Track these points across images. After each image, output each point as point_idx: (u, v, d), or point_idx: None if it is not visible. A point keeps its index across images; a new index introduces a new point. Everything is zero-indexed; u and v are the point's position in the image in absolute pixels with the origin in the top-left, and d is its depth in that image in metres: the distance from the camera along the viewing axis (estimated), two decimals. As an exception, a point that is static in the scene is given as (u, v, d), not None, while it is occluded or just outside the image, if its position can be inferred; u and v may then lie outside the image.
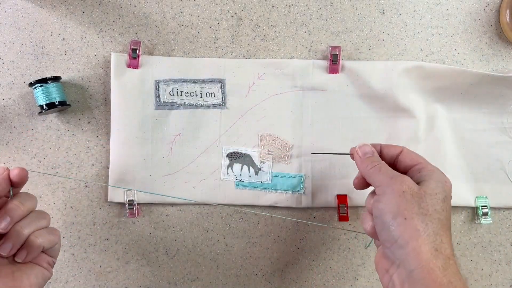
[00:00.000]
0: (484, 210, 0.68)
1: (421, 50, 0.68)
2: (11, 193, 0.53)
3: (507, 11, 0.66)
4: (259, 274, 0.70)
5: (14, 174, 0.52)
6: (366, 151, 0.56)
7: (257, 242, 0.70)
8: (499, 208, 0.70)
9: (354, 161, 0.57)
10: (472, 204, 0.68)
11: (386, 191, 0.51)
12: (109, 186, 0.67)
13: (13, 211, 0.51)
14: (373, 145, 0.57)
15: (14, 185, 0.53)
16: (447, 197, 0.51)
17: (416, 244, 0.47)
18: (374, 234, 0.53)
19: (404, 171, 0.54)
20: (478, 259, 0.70)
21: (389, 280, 0.51)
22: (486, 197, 0.69)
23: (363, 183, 0.57)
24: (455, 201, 0.67)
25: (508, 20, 0.66)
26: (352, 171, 0.68)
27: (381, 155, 0.57)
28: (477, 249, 0.70)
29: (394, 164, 0.56)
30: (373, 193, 0.55)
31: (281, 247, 0.70)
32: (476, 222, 0.69)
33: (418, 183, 0.51)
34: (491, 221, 0.68)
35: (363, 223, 0.55)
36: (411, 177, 0.52)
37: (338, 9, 0.68)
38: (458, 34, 0.68)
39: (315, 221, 0.69)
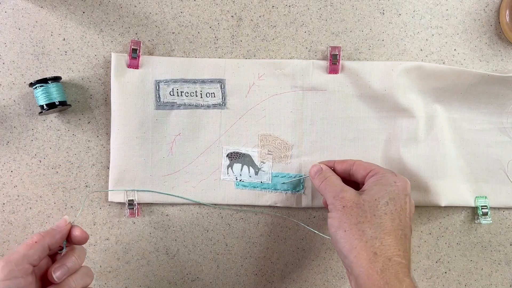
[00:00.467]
0: (484, 210, 0.68)
1: (421, 50, 0.68)
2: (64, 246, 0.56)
3: (507, 11, 0.66)
4: (259, 274, 0.70)
5: (75, 235, 0.55)
6: (315, 170, 0.62)
7: (257, 242, 0.70)
8: (499, 208, 0.70)
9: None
10: (472, 204, 0.68)
11: (332, 208, 0.56)
12: (109, 186, 0.67)
13: (71, 264, 0.53)
14: (327, 162, 0.63)
15: (70, 242, 0.56)
16: (394, 198, 0.54)
17: (356, 252, 0.52)
18: None
19: (362, 181, 0.59)
20: (478, 259, 0.70)
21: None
22: (486, 197, 0.69)
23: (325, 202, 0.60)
24: (455, 201, 0.67)
25: (508, 20, 0.66)
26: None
27: (336, 171, 0.62)
28: (477, 249, 0.70)
29: (349, 177, 0.61)
30: None
31: (281, 247, 0.70)
32: (476, 222, 0.69)
33: (365, 189, 0.56)
34: (491, 221, 0.68)
35: None
36: (364, 184, 0.57)
37: (338, 9, 0.68)
38: (458, 34, 0.68)
39: (315, 221, 0.69)
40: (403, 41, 0.68)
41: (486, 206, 0.68)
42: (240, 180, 0.68)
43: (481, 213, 0.68)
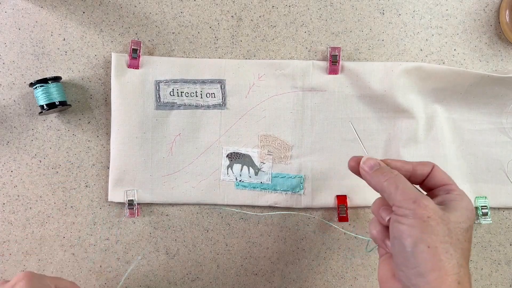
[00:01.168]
0: (483, 210, 0.68)
1: (421, 50, 0.68)
2: None
3: (507, 11, 0.66)
4: (259, 274, 0.70)
5: None
6: (372, 165, 0.53)
7: (257, 242, 0.70)
8: (499, 208, 0.70)
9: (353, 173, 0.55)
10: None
11: (408, 214, 0.46)
12: (109, 186, 0.67)
13: None
14: (405, 163, 0.53)
15: None
16: (471, 226, 0.47)
17: (438, 275, 0.44)
18: (379, 241, 0.51)
19: (430, 189, 0.51)
20: (477, 259, 0.70)
21: None
22: (485, 197, 0.69)
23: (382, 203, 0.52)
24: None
25: (507, 20, 0.66)
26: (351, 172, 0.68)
27: (413, 174, 0.52)
28: (477, 249, 0.70)
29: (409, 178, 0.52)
30: (383, 200, 0.51)
31: (281, 247, 0.70)
32: (476, 222, 0.69)
33: (441, 204, 0.48)
34: (491, 221, 0.68)
35: (370, 228, 0.52)
36: (436, 196, 0.50)
37: (338, 10, 0.68)
38: (457, 34, 0.68)
39: (315, 221, 0.69)
40: (403, 41, 0.68)
41: (486, 206, 0.68)
42: (240, 181, 0.68)
43: (481, 213, 0.68)
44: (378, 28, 0.68)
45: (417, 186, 0.51)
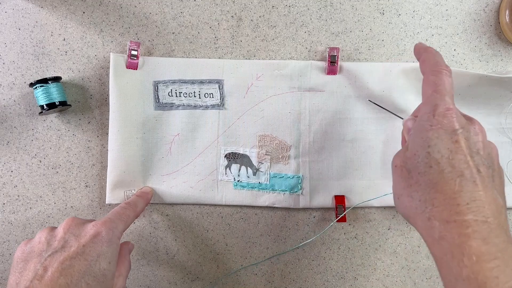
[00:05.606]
0: (483, 211, 0.68)
1: (421, 50, 0.68)
2: None
3: (507, 12, 0.66)
4: (259, 274, 0.70)
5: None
6: (409, 125, 0.50)
7: (257, 242, 0.70)
8: (499, 209, 0.69)
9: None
10: (471, 204, 0.68)
11: (392, 169, 0.48)
12: (107, 188, 0.67)
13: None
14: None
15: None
16: (436, 144, 0.43)
17: (412, 221, 0.45)
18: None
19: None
20: (477, 260, 0.70)
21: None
22: (485, 197, 0.68)
23: None
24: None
25: (507, 20, 0.66)
26: (350, 172, 0.68)
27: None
28: (477, 250, 0.70)
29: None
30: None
31: (281, 247, 0.70)
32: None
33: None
34: (491, 222, 0.68)
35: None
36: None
37: (338, 10, 0.68)
38: (457, 34, 0.68)
39: (314, 221, 0.69)
40: (403, 41, 0.68)
41: (485, 206, 0.68)
42: (238, 181, 0.68)
43: (480, 213, 0.68)
44: (378, 28, 0.68)
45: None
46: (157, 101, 0.67)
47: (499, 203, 0.41)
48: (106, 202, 0.67)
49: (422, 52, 0.51)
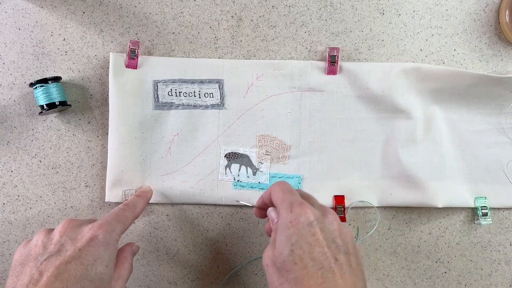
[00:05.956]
0: (483, 211, 0.68)
1: (421, 50, 0.68)
2: None
3: (507, 12, 0.66)
4: (259, 274, 0.70)
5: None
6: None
7: (257, 242, 0.70)
8: (499, 209, 0.69)
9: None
10: (471, 205, 0.68)
11: (264, 269, 0.49)
12: (106, 186, 0.67)
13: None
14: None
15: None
16: (298, 240, 0.46)
17: None
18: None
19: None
20: (477, 259, 0.70)
21: None
22: (485, 197, 0.68)
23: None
24: (453, 202, 0.67)
25: (507, 20, 0.66)
26: (350, 172, 0.68)
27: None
28: (477, 249, 0.70)
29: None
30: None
31: (281, 247, 0.70)
32: (475, 222, 0.69)
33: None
34: (491, 222, 0.68)
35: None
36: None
37: (337, 10, 0.68)
38: (457, 34, 0.68)
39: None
40: (403, 41, 0.68)
41: (485, 206, 0.68)
42: (238, 181, 0.68)
43: (481, 213, 0.68)
44: (378, 28, 0.68)
45: None
46: (157, 100, 0.67)
47: (358, 286, 0.44)
48: (106, 200, 0.67)
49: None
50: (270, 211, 0.53)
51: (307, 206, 0.48)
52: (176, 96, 0.67)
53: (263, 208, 0.56)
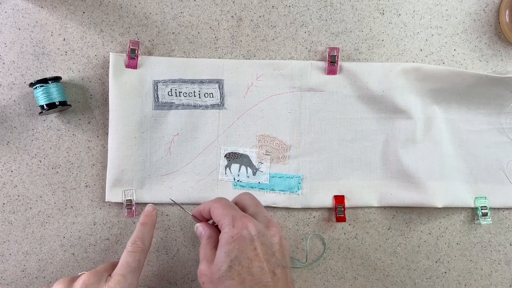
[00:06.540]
0: (483, 211, 0.68)
1: (421, 50, 0.68)
2: None
3: (507, 12, 0.66)
4: (258, 274, 0.70)
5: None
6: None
7: (257, 242, 0.70)
8: (499, 208, 0.69)
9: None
10: (471, 205, 0.68)
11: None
12: (106, 186, 0.67)
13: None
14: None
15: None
16: (237, 256, 0.47)
17: None
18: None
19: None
20: (477, 259, 0.70)
21: None
22: (485, 197, 0.68)
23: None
24: (453, 202, 0.67)
25: (507, 20, 0.66)
26: (350, 172, 0.68)
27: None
28: (477, 249, 0.70)
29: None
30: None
31: (281, 247, 0.70)
32: (475, 222, 0.69)
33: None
34: (491, 221, 0.68)
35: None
36: None
37: (337, 10, 0.68)
38: (457, 34, 0.68)
39: (314, 221, 0.69)
40: (403, 41, 0.68)
41: (485, 206, 0.68)
42: (238, 181, 0.68)
43: (480, 213, 0.68)
44: (378, 28, 0.68)
45: None
46: (157, 100, 0.67)
47: None
48: (106, 200, 0.67)
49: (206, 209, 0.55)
50: (198, 227, 0.55)
51: (249, 220, 0.49)
52: (176, 96, 0.67)
53: (198, 218, 0.57)
